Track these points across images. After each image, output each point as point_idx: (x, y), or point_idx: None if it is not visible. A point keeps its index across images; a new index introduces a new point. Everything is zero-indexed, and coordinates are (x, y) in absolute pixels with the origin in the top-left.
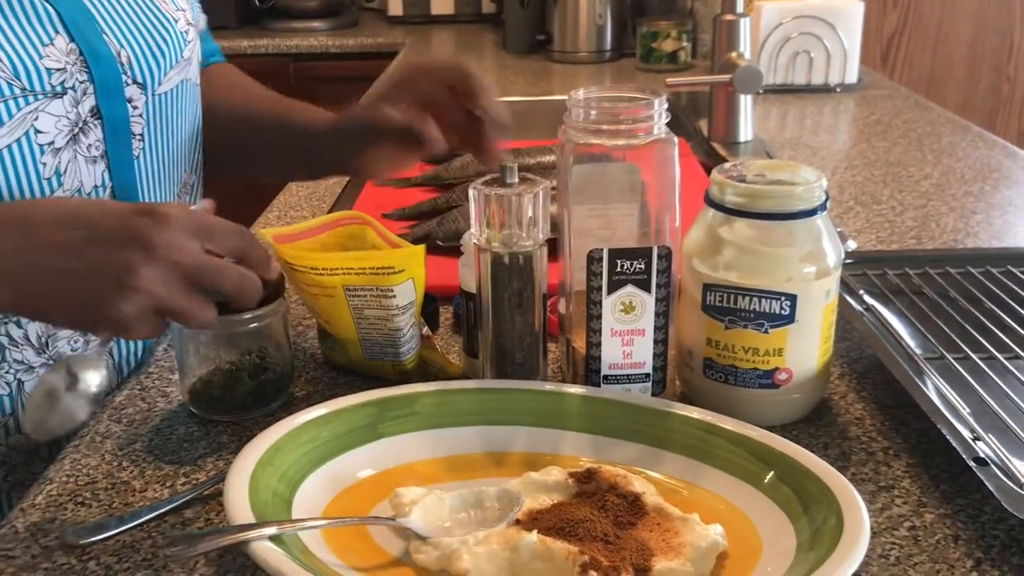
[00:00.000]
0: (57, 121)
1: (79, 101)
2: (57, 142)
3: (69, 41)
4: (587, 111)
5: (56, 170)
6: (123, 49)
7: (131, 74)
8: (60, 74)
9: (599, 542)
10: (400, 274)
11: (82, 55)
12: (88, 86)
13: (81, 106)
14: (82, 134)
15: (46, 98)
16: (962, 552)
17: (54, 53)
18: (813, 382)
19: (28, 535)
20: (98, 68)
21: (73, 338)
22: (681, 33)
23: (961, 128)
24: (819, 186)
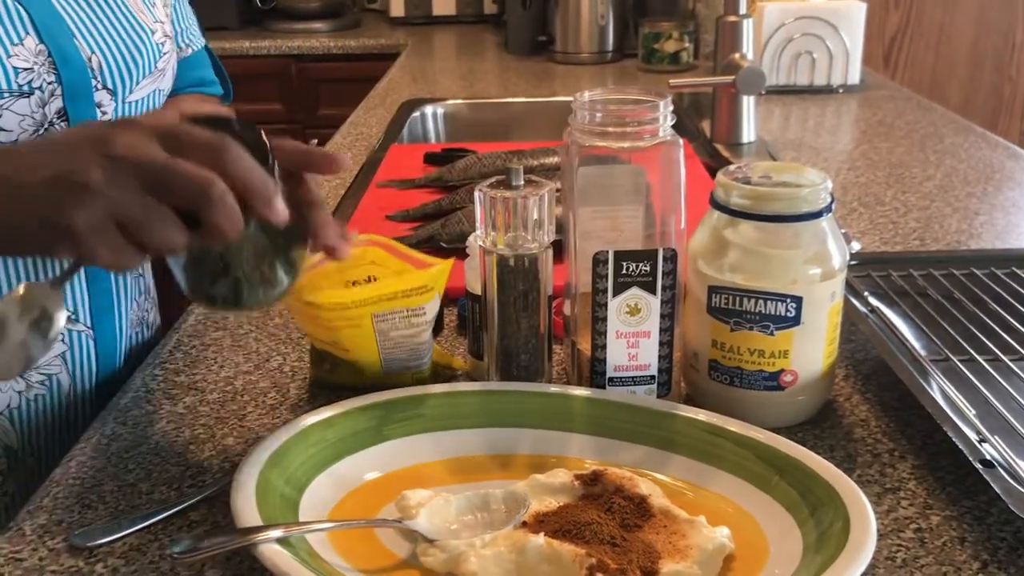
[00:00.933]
0: (22, 120)
1: (46, 102)
2: (21, 141)
3: (39, 42)
4: (592, 113)
5: None
6: (94, 54)
7: (101, 79)
8: (27, 74)
9: (606, 544)
10: (431, 292)
11: (51, 56)
12: (56, 87)
13: (48, 107)
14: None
15: (11, 96)
16: (968, 554)
17: (22, 53)
18: (818, 384)
19: (35, 537)
20: (66, 70)
21: None
22: (683, 34)
23: (963, 129)
24: (824, 188)
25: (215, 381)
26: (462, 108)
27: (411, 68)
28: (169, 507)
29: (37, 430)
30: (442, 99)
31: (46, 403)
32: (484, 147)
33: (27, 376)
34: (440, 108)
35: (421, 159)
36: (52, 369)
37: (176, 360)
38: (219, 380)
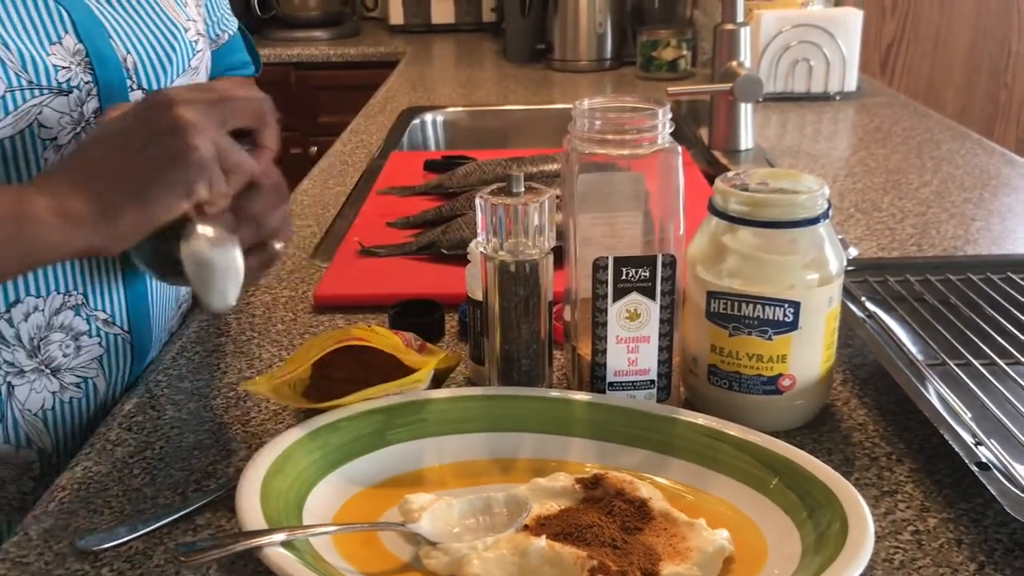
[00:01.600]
0: (60, 118)
1: (84, 101)
2: (60, 139)
3: (77, 42)
4: (592, 121)
5: None
6: (129, 54)
7: (136, 79)
8: (65, 72)
9: (607, 547)
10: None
11: (87, 56)
12: (92, 87)
13: (85, 106)
14: (85, 134)
15: (51, 94)
16: (965, 556)
17: (60, 51)
18: (816, 388)
19: (41, 542)
20: (102, 71)
21: (64, 343)
22: (681, 42)
23: (960, 135)
24: (821, 194)
25: (218, 387)
26: (462, 116)
27: (410, 76)
28: (175, 511)
29: (72, 433)
30: (442, 107)
31: (81, 406)
32: (484, 154)
33: (61, 376)
34: (440, 116)
35: (421, 166)
36: (88, 372)
37: (179, 366)
38: (223, 385)
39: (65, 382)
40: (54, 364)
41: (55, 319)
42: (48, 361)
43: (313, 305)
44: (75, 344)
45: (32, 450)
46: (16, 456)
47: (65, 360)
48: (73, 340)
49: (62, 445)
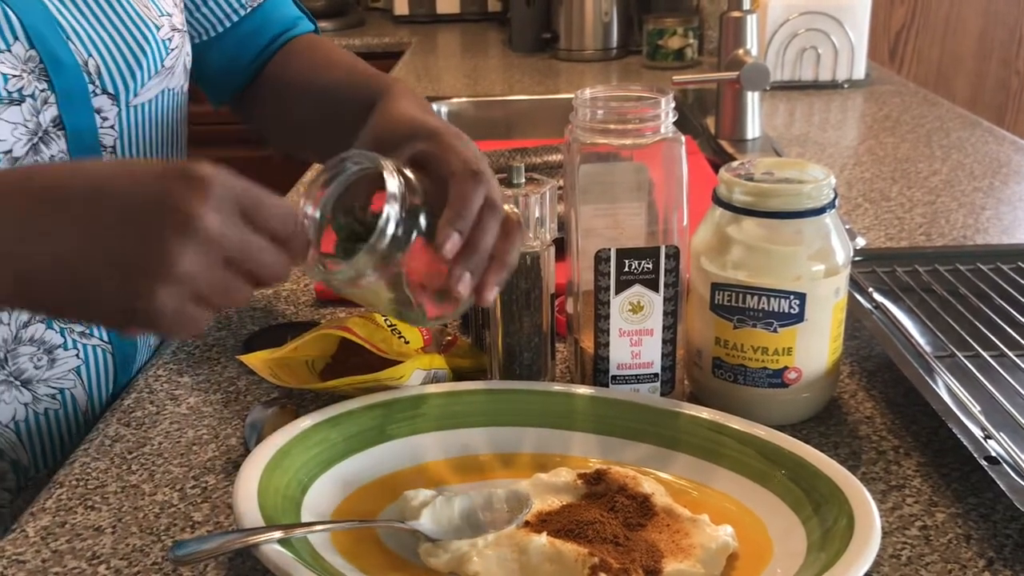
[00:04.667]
0: (14, 129)
1: (39, 110)
2: (15, 150)
3: (28, 48)
4: (594, 110)
5: None
6: (91, 57)
7: (100, 84)
8: (16, 80)
9: (609, 544)
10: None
11: (42, 63)
12: (49, 95)
13: (41, 115)
14: (43, 144)
15: (2, 104)
16: (974, 552)
17: (10, 59)
18: (823, 381)
19: (38, 539)
20: (59, 77)
21: (36, 356)
22: (687, 30)
23: (970, 123)
24: (827, 184)
25: (218, 381)
26: (466, 106)
27: (415, 66)
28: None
29: (51, 446)
30: (446, 97)
31: (59, 418)
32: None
33: (34, 388)
34: (444, 106)
35: None
36: (65, 383)
37: (179, 360)
38: (222, 380)
39: (39, 394)
40: (24, 376)
41: (23, 332)
42: (18, 373)
43: (315, 298)
44: (48, 357)
45: (5, 462)
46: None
47: (37, 372)
48: (46, 353)
49: (40, 458)
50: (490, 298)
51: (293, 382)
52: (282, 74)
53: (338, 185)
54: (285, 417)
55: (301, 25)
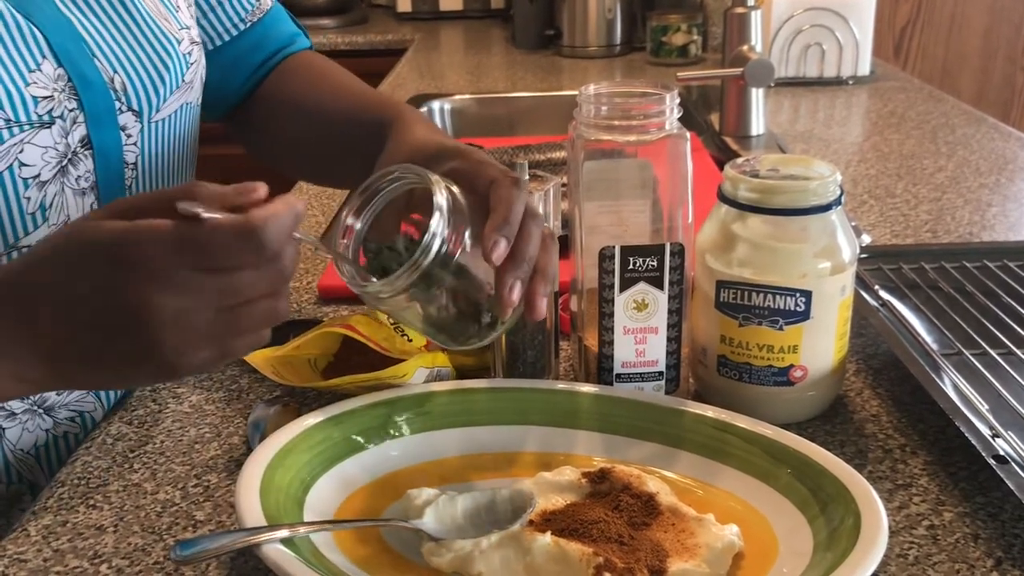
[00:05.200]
0: (44, 153)
1: (68, 131)
2: (43, 175)
3: (56, 66)
4: (598, 107)
5: (41, 204)
6: (116, 75)
7: (125, 101)
8: (47, 102)
9: (613, 543)
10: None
11: (71, 81)
12: (78, 114)
13: (71, 136)
14: (71, 165)
15: (32, 129)
16: (982, 551)
17: (41, 79)
18: (828, 379)
19: (40, 538)
20: (88, 95)
21: None
22: (691, 27)
23: (975, 120)
24: (833, 181)
25: (221, 380)
26: (469, 103)
27: (418, 63)
28: None
29: None
30: (449, 94)
31: (78, 439)
32: (491, 142)
33: (55, 414)
34: (447, 103)
35: None
36: (84, 406)
37: None
38: (224, 379)
39: (59, 418)
40: (48, 403)
41: None
42: (41, 401)
43: (318, 296)
44: None
45: (23, 485)
46: (7, 491)
47: (59, 397)
48: None
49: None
50: (543, 310)
51: (296, 380)
52: (280, 92)
53: (383, 197)
54: (288, 415)
55: (299, 42)
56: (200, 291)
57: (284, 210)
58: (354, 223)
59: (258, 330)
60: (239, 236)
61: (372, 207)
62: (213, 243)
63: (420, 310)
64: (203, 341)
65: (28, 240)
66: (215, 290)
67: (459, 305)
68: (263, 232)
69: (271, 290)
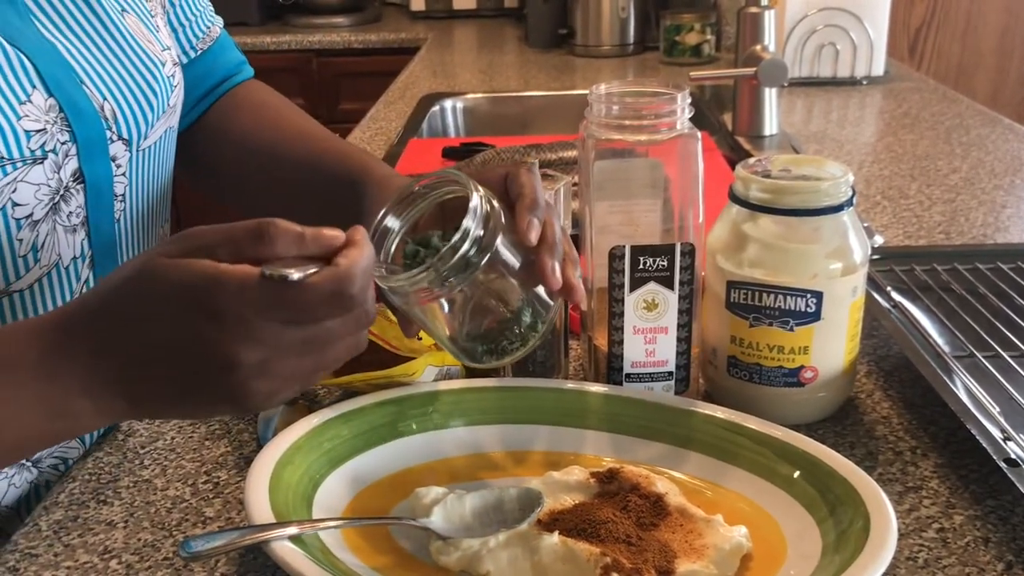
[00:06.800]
0: (37, 190)
1: (61, 165)
2: (36, 214)
3: (47, 96)
4: (609, 106)
5: (33, 245)
6: (106, 101)
7: (116, 129)
8: (40, 136)
9: (621, 543)
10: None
11: (62, 112)
12: (70, 147)
13: (63, 171)
14: (63, 202)
15: (25, 165)
16: (992, 555)
17: (32, 112)
18: (839, 380)
19: (51, 533)
20: (80, 125)
21: None
22: (705, 26)
23: (991, 120)
24: (845, 181)
25: None
26: (481, 102)
27: (431, 62)
28: None
29: None
30: (462, 93)
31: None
32: (503, 141)
33: (41, 465)
34: (460, 102)
35: (439, 153)
36: (68, 453)
37: None
38: None
39: (43, 467)
40: (36, 456)
41: None
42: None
43: None
44: None
45: (4, 537)
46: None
47: (48, 449)
48: None
49: None
50: (583, 291)
51: None
52: (227, 126)
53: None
54: (298, 413)
55: (244, 71)
56: (285, 341)
57: (367, 257)
58: (392, 225)
59: (339, 364)
60: (333, 295)
61: (411, 212)
62: (306, 301)
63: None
64: (288, 383)
65: (20, 284)
66: (301, 340)
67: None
68: (354, 285)
69: (356, 330)
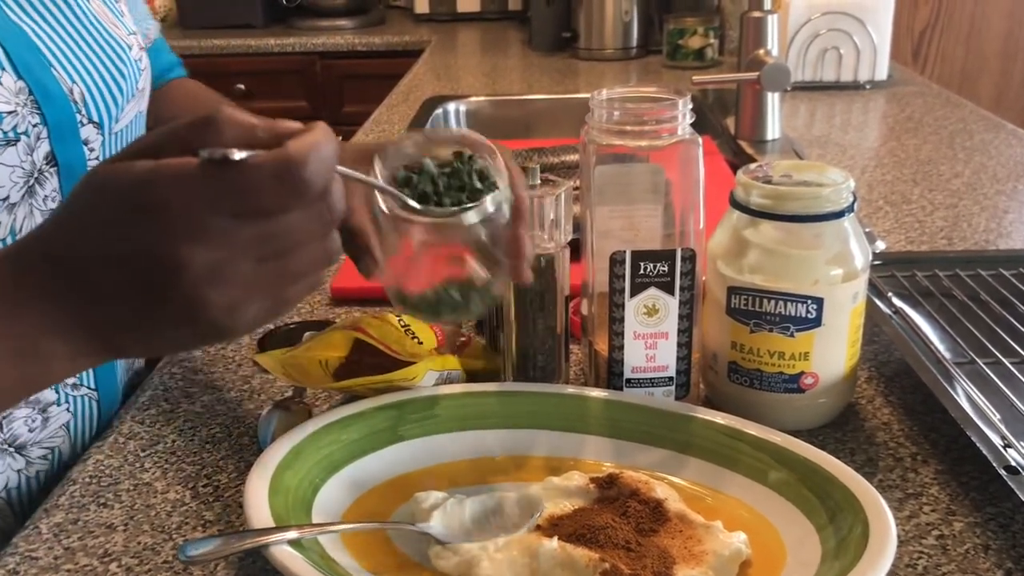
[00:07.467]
0: (12, 172)
1: (33, 148)
2: (12, 196)
3: (16, 79)
4: (610, 112)
5: (11, 229)
6: (75, 85)
7: (86, 113)
8: (12, 118)
9: (620, 549)
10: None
11: (32, 95)
12: (41, 129)
13: (36, 153)
14: (38, 185)
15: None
16: (992, 562)
17: (3, 94)
18: (840, 386)
19: (51, 536)
20: (50, 108)
21: (31, 418)
22: (708, 30)
23: (994, 125)
24: (846, 187)
25: (232, 380)
26: (485, 105)
27: (435, 65)
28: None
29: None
30: (465, 96)
31: (48, 477)
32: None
33: (27, 452)
34: (463, 105)
35: None
36: (55, 441)
37: (195, 358)
38: (236, 379)
39: (31, 457)
40: (19, 442)
41: None
42: (12, 439)
43: (330, 297)
44: (42, 416)
45: None
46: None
47: (31, 435)
48: (40, 413)
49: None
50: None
51: (306, 382)
52: (158, 114)
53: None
54: (298, 417)
55: (176, 71)
56: (237, 239)
57: (324, 140)
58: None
59: (310, 275)
60: (279, 175)
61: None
62: (250, 185)
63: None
64: (250, 294)
65: None
66: (255, 237)
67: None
68: (306, 168)
69: (320, 231)
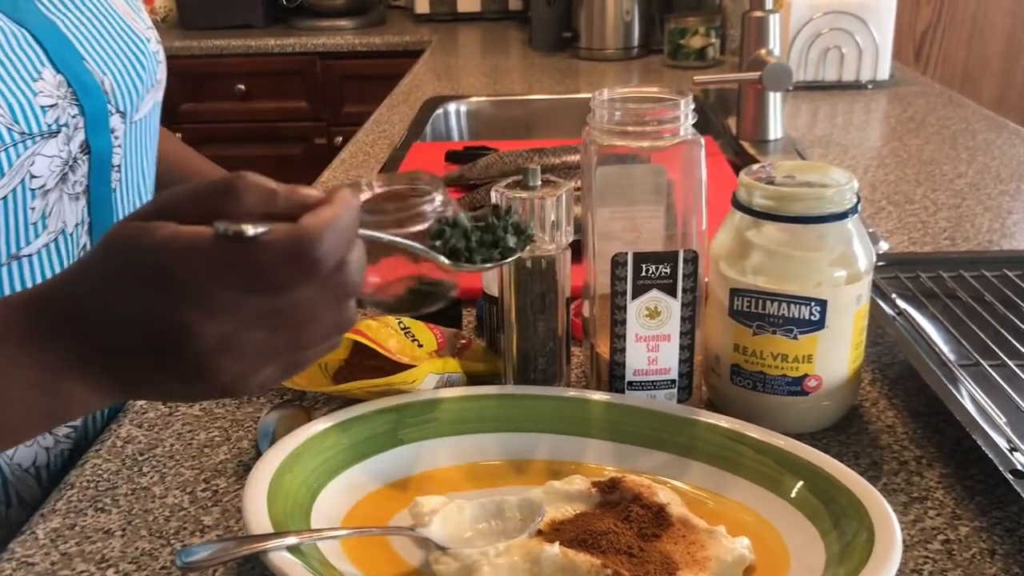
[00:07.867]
0: (51, 162)
1: (71, 138)
2: (48, 184)
3: (56, 73)
4: (611, 112)
5: (43, 213)
6: (106, 76)
7: (114, 103)
8: (53, 111)
9: (623, 554)
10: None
11: (70, 87)
12: (79, 120)
13: (72, 143)
14: (70, 171)
15: (42, 139)
16: (999, 567)
17: (45, 88)
18: (843, 389)
19: (48, 541)
20: (87, 99)
21: None
22: (709, 29)
23: (997, 125)
24: (850, 188)
25: None
26: (485, 105)
27: (435, 65)
28: None
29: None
30: (465, 96)
31: (73, 456)
32: (506, 145)
33: (55, 431)
34: (463, 105)
35: (443, 157)
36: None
37: None
38: None
39: (58, 435)
40: None
41: None
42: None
43: None
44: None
45: (24, 511)
46: (6, 517)
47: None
48: None
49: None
50: None
51: (306, 385)
52: None
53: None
54: (297, 420)
55: None
56: (248, 313)
57: (342, 212)
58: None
59: (325, 343)
60: (292, 253)
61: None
62: (261, 262)
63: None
64: (261, 362)
65: (29, 249)
66: (266, 311)
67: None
68: (319, 246)
69: (334, 304)
